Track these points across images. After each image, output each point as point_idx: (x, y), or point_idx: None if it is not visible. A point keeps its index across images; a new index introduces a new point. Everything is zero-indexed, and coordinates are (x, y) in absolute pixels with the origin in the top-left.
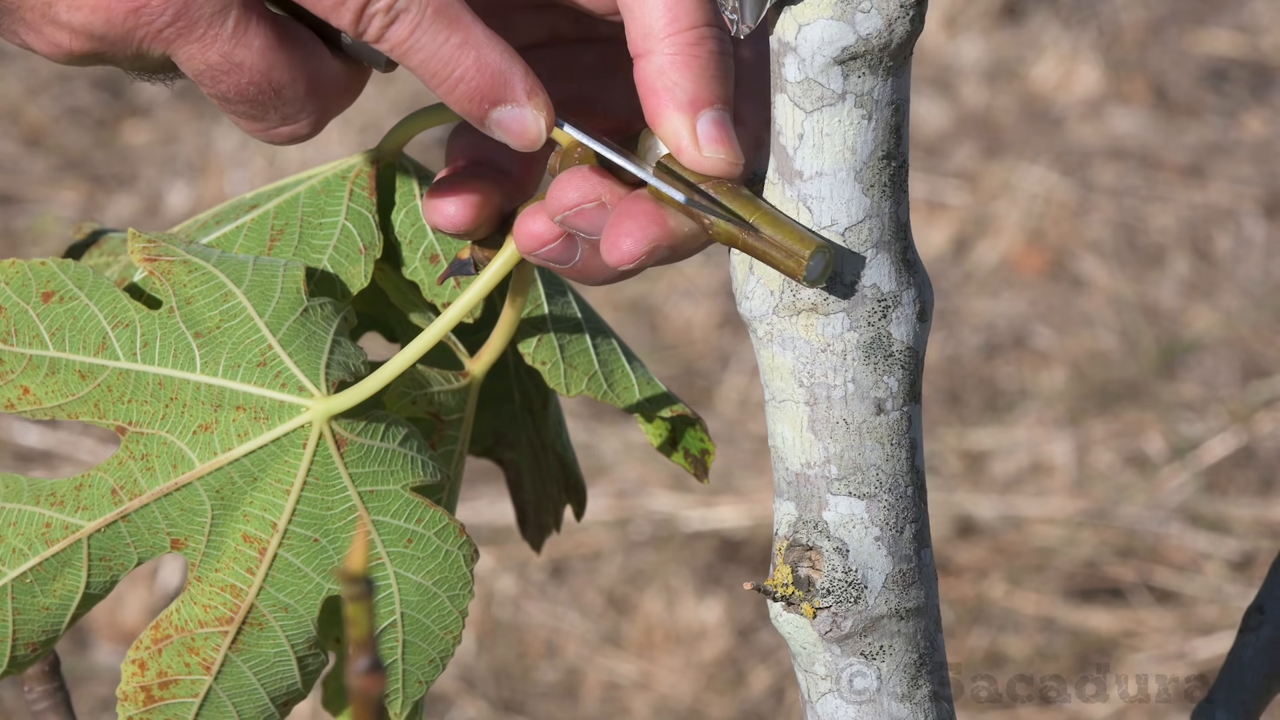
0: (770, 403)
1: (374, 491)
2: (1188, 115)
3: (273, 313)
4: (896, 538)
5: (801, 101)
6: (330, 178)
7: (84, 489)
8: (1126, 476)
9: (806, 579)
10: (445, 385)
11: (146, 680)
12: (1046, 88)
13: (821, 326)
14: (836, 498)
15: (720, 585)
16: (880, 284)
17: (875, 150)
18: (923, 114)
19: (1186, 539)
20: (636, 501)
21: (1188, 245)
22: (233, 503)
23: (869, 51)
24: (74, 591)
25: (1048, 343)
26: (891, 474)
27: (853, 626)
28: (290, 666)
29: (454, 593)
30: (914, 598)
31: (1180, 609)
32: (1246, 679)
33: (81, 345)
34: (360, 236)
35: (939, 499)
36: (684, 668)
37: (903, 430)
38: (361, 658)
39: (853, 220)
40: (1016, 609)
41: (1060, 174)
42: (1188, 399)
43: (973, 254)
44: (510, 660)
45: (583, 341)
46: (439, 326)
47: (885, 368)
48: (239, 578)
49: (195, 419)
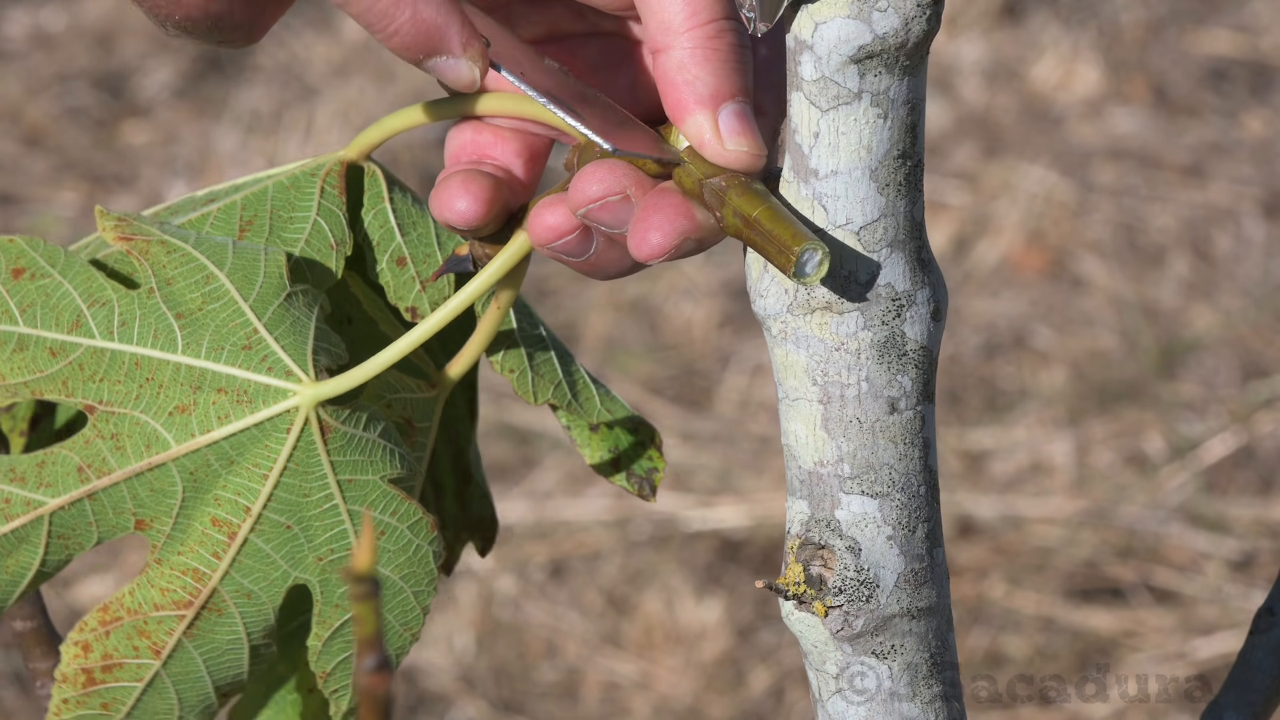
0: (784, 401)
1: (353, 481)
2: (1188, 115)
3: (257, 296)
4: (909, 537)
5: (817, 100)
6: (299, 174)
7: (46, 466)
8: (1126, 476)
9: (818, 577)
10: (416, 393)
11: (89, 663)
12: (1046, 88)
13: (835, 325)
14: (849, 496)
15: (720, 585)
16: (895, 283)
17: (891, 149)
18: None
19: (1186, 539)
20: (636, 502)
21: (1188, 245)
22: (205, 486)
23: (885, 50)
24: (27, 568)
25: (1048, 343)
26: (904, 473)
27: (864, 625)
28: (241, 655)
29: (419, 588)
30: (926, 597)
31: (1180, 609)
32: (1255, 681)
33: (54, 322)
34: (332, 233)
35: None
36: (684, 668)
37: (916, 429)
38: (369, 656)
39: (868, 219)
40: (1016, 609)
41: (1060, 174)
42: (1188, 399)
43: (973, 254)
44: (510, 660)
45: (548, 354)
46: (434, 321)
47: (899, 367)
48: (203, 561)
49: (172, 400)
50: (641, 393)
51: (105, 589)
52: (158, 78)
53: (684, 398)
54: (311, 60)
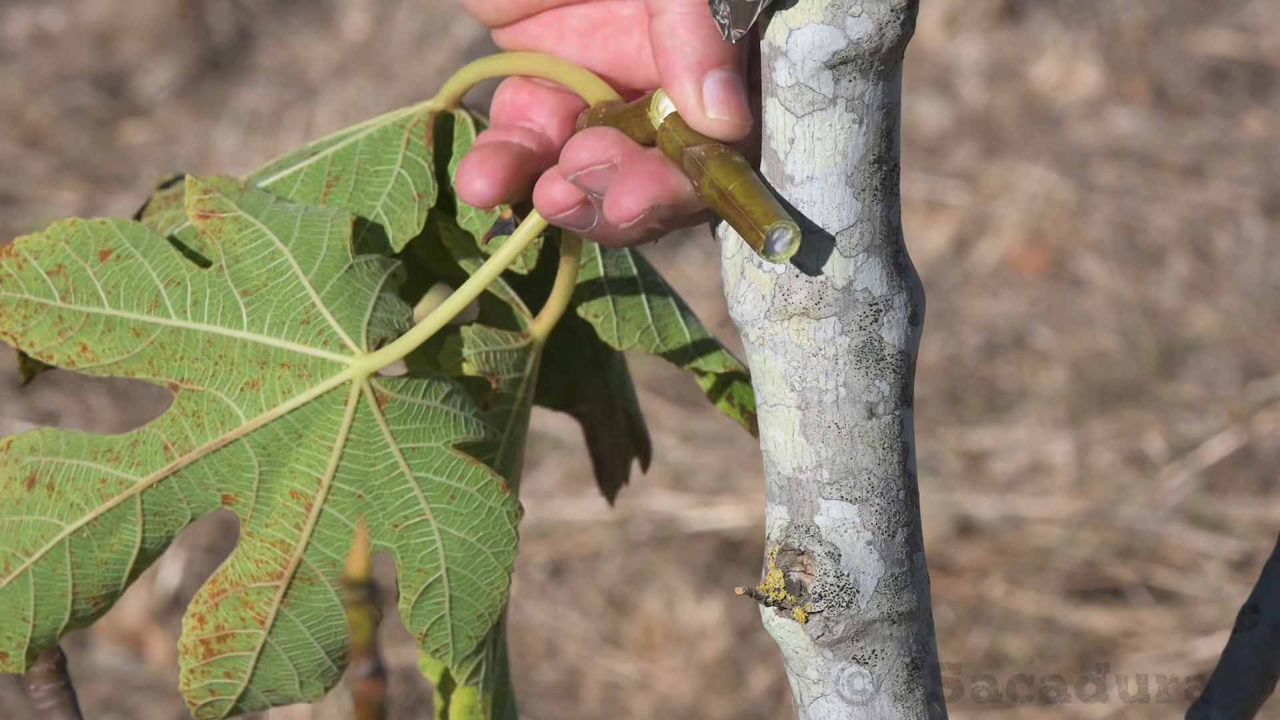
0: (762, 407)
1: (416, 449)
2: (1188, 115)
3: (318, 270)
4: (888, 542)
5: (792, 106)
6: (389, 126)
7: (139, 445)
8: (1126, 476)
9: (798, 583)
10: (503, 345)
11: (205, 634)
12: (1046, 88)
13: (813, 331)
14: (828, 502)
15: (720, 585)
16: (871, 288)
17: (866, 154)
18: (922, 114)
19: (1186, 539)
20: (636, 501)
21: (1188, 245)
22: (279, 459)
23: (859, 56)
24: (130, 546)
25: (1047, 343)
26: (883, 478)
27: (845, 631)
28: (343, 621)
29: (499, 549)
30: (906, 602)
31: (1180, 609)
32: (1241, 678)
33: (135, 303)
34: (415, 185)
35: (938, 499)
36: (684, 668)
37: (895, 434)
38: (364, 662)
39: (844, 224)
40: (1016, 609)
41: (1060, 174)
42: (1188, 399)
43: (972, 254)
44: (510, 660)
45: (637, 296)
46: (472, 286)
47: (877, 371)
48: (287, 533)
49: (243, 376)
50: (642, 393)
51: None
52: (157, 78)
53: (684, 398)
54: (311, 60)
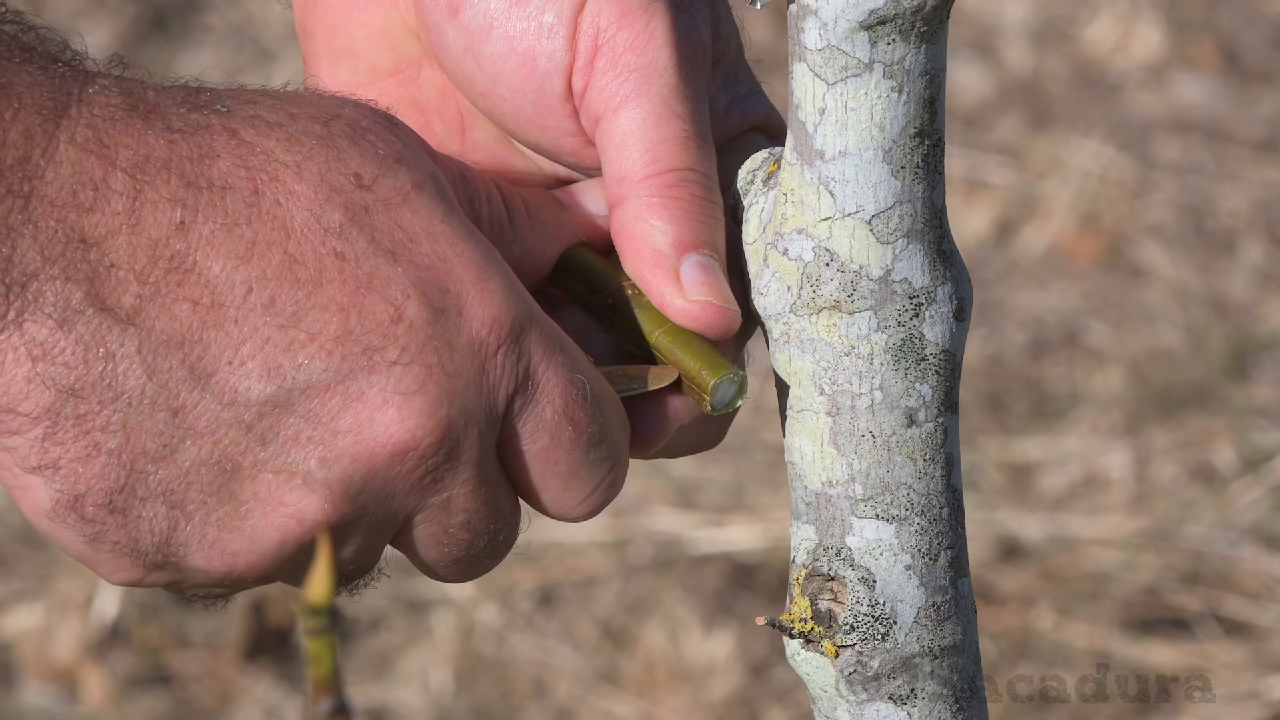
0: (787, 413)
1: None
2: (1261, 82)
3: None
4: (930, 566)
5: (823, 72)
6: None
7: None
8: (1192, 492)
9: (828, 613)
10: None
11: None
12: (1101, 51)
13: (845, 327)
14: (862, 521)
15: (731, 615)
16: (912, 278)
17: (906, 127)
18: (961, 81)
19: (1260, 563)
20: (636, 520)
21: (1262, 229)
22: None
23: (900, 15)
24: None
25: (1103, 340)
26: (924, 494)
27: (880, 667)
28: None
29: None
30: (949, 634)
31: (1253, 642)
32: None
33: None
34: None
35: (979, 517)
36: (690, 708)
37: (937, 444)
38: (325, 699)
39: (880, 206)
40: (1067, 642)
41: (1117, 149)
42: (1262, 404)
43: (1018, 240)
44: (493, 700)
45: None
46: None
47: (917, 373)
48: None
49: None
50: None
51: (34, 619)
52: (93, 39)
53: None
54: (268, 20)
